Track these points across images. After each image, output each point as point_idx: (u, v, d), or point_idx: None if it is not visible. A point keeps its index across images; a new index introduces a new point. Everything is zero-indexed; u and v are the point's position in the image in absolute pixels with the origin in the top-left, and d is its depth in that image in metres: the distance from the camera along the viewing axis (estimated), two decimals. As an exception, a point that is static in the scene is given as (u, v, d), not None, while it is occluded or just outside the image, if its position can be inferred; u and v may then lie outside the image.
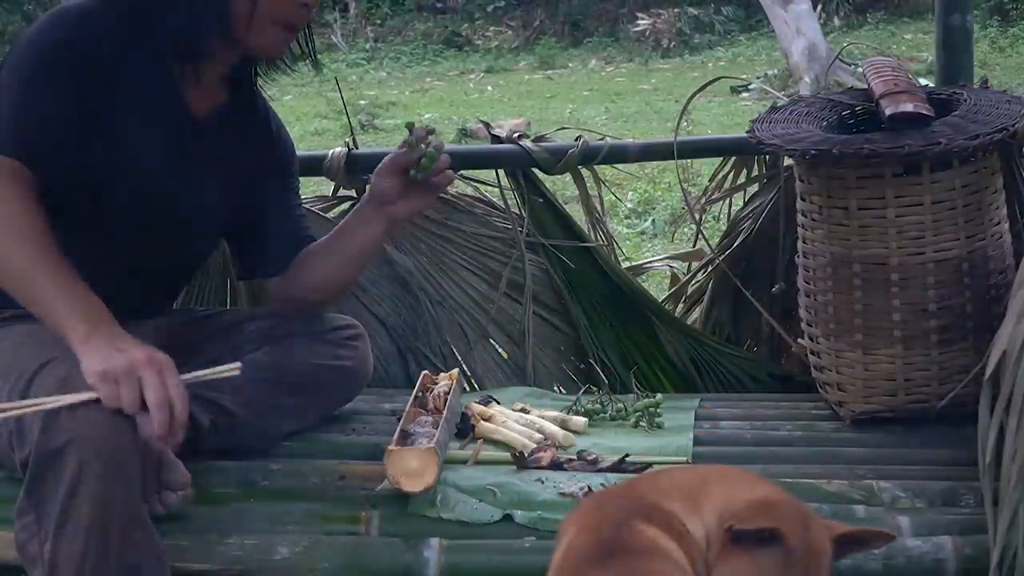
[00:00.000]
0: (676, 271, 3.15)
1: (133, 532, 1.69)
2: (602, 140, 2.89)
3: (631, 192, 6.28)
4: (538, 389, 2.69)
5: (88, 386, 1.74)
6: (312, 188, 3.83)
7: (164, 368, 1.76)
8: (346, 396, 2.41)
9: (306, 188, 2.55)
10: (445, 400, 2.20)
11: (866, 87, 2.44)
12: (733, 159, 2.91)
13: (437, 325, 2.85)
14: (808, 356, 2.46)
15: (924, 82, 2.90)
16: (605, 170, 3.03)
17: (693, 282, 2.99)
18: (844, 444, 2.27)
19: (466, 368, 2.83)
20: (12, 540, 1.75)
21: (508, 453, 2.17)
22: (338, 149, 2.81)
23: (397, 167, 2.17)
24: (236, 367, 1.86)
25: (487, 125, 3.04)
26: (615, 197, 4.59)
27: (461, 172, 2.85)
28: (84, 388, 1.74)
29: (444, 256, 2.86)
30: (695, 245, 3.11)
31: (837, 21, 13.29)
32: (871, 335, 2.29)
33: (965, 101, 2.34)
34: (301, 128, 9.13)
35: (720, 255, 2.85)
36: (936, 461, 2.14)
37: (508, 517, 1.94)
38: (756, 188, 2.92)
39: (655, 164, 5.52)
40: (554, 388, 2.80)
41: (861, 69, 2.72)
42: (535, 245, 2.87)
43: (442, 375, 2.35)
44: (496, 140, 2.89)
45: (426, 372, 2.39)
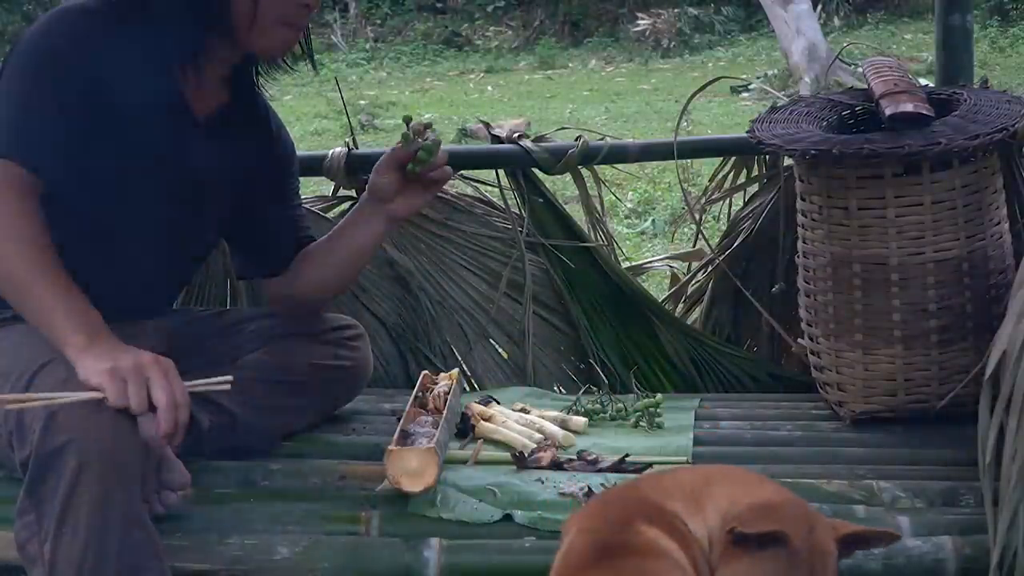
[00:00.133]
0: (676, 271, 3.14)
1: (133, 532, 1.69)
2: (602, 140, 2.89)
3: (631, 192, 6.28)
4: (538, 389, 2.69)
5: (90, 388, 1.73)
6: (312, 188, 3.83)
7: (170, 371, 1.77)
8: (346, 396, 2.41)
9: (306, 188, 2.55)
10: (445, 400, 2.20)
11: (866, 87, 2.44)
12: (733, 159, 2.91)
13: (437, 325, 2.85)
14: (808, 356, 2.46)
15: (924, 82, 2.90)
16: (605, 170, 3.03)
17: (693, 282, 2.99)
18: (844, 444, 2.27)
19: (466, 368, 2.83)
20: (12, 540, 1.75)
21: (508, 453, 2.17)
22: (338, 149, 2.81)
23: (395, 162, 2.17)
24: (227, 380, 1.86)
25: (487, 125, 3.04)
26: (615, 197, 4.59)
27: (461, 172, 2.85)
28: (86, 387, 1.74)
29: (444, 256, 2.86)
30: (695, 245, 3.11)
31: (837, 21, 13.29)
32: (871, 335, 2.29)
33: (965, 101, 2.34)
34: (301, 128, 9.12)
35: (720, 255, 2.85)
36: (936, 461, 2.14)
37: (508, 517, 1.94)
38: (756, 188, 2.92)
39: (655, 164, 5.52)
40: (554, 388, 2.80)
41: (861, 69, 2.72)
42: (535, 245, 2.87)
43: (442, 375, 2.35)
44: (496, 140, 2.89)
45: (426, 372, 2.39)
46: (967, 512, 1.93)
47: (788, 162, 2.67)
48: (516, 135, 2.88)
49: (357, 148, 2.83)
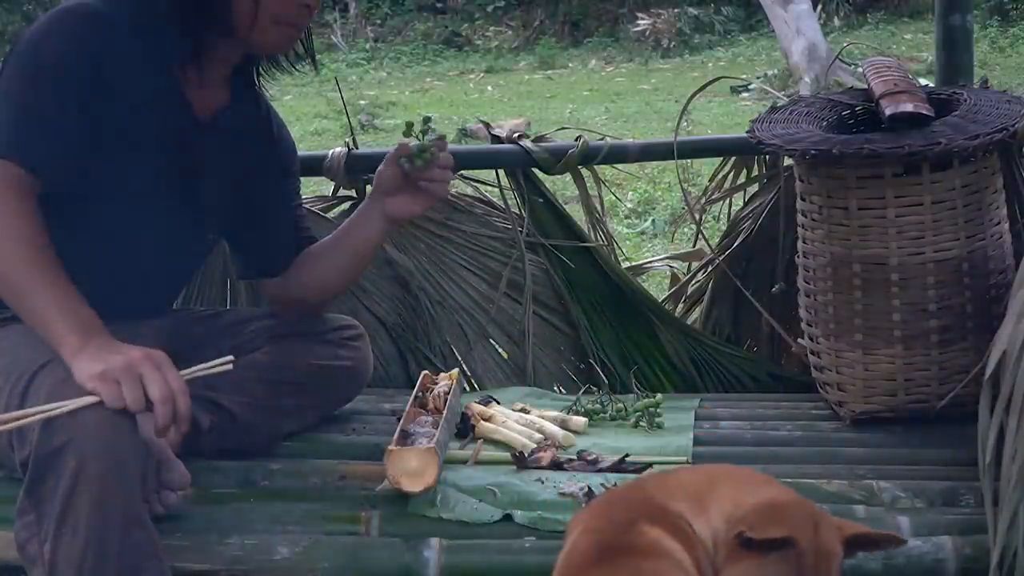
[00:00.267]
0: (676, 271, 3.15)
1: (133, 532, 1.69)
2: (602, 140, 2.89)
3: (631, 192, 6.28)
4: (538, 389, 2.69)
5: (86, 393, 1.73)
6: (312, 188, 3.83)
7: (162, 363, 1.76)
8: (346, 396, 2.41)
9: (306, 188, 2.55)
10: (445, 400, 2.20)
11: (866, 87, 2.44)
12: (733, 159, 2.91)
13: (437, 325, 2.85)
14: (808, 356, 2.46)
15: (924, 82, 2.90)
16: (605, 170, 3.03)
17: (693, 282, 2.99)
18: (844, 444, 2.27)
19: (466, 368, 2.83)
20: (12, 540, 1.75)
21: (508, 453, 2.17)
22: (338, 149, 2.81)
23: (397, 155, 2.17)
24: (228, 360, 1.86)
25: (487, 125, 3.04)
26: (615, 197, 4.59)
27: (461, 172, 2.85)
28: (83, 389, 1.74)
29: (444, 256, 2.86)
30: (695, 245, 3.11)
31: (837, 21, 13.29)
32: (871, 335, 2.29)
33: (965, 101, 2.34)
34: (301, 128, 9.12)
35: (720, 255, 2.85)
36: (936, 461, 2.14)
37: (508, 517, 1.94)
38: (756, 188, 2.92)
39: (655, 164, 5.52)
40: (554, 388, 2.80)
41: (861, 69, 2.72)
42: (535, 245, 2.87)
43: (442, 375, 2.35)
44: (496, 140, 2.89)
45: (426, 372, 2.39)
46: (967, 512, 1.93)
47: (788, 162, 2.68)
48: (516, 135, 2.88)
49: (357, 148, 2.83)
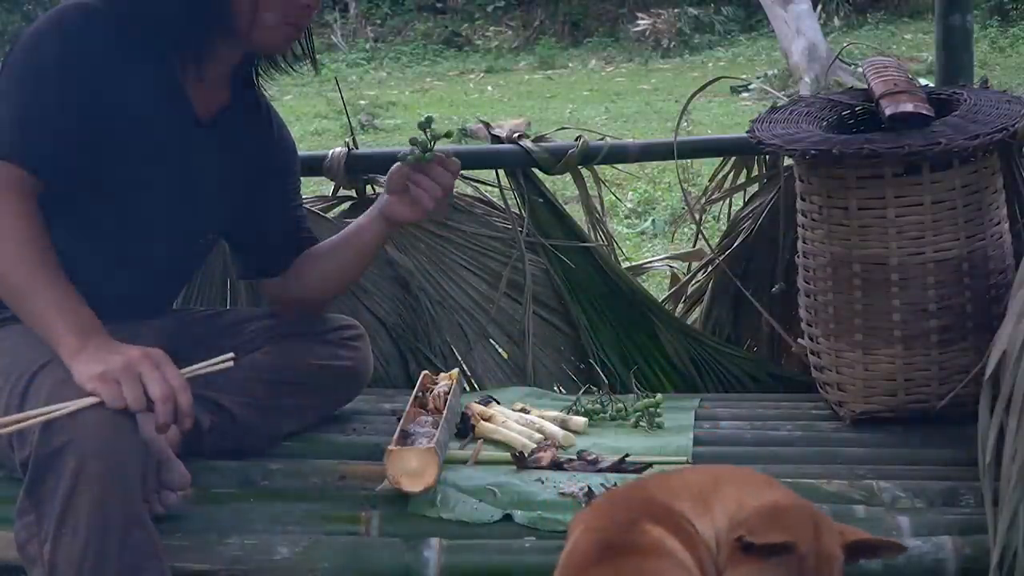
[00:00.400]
0: (676, 271, 3.15)
1: (133, 532, 1.69)
2: (602, 140, 2.89)
3: (631, 192, 6.28)
4: (538, 389, 2.69)
5: (87, 393, 1.73)
6: (312, 188, 3.83)
7: (161, 361, 1.77)
8: (346, 396, 2.41)
9: (306, 188, 2.55)
10: (445, 400, 2.20)
11: (866, 87, 2.44)
12: (733, 159, 2.91)
13: (437, 325, 2.85)
14: (808, 356, 2.46)
15: (924, 82, 2.90)
16: (605, 170, 3.03)
17: (693, 282, 2.99)
18: (844, 444, 2.27)
19: (466, 368, 2.83)
20: (12, 540, 1.75)
21: (508, 453, 2.17)
22: (338, 149, 2.81)
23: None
24: (230, 358, 1.86)
25: (487, 125, 3.05)
26: (615, 197, 4.59)
27: (461, 172, 2.85)
28: (84, 390, 1.74)
29: (444, 256, 2.86)
30: (695, 245, 3.11)
31: (837, 21, 13.28)
32: (871, 335, 2.29)
33: (965, 101, 2.34)
34: (301, 128, 9.11)
35: (720, 255, 2.85)
36: (936, 461, 2.14)
37: (508, 517, 1.94)
38: (756, 188, 2.92)
39: (655, 164, 5.52)
40: (554, 388, 2.80)
41: (861, 69, 2.72)
42: (535, 245, 2.87)
43: (442, 375, 2.35)
44: (496, 140, 2.89)
45: (426, 372, 2.39)
46: (967, 512, 1.93)
47: (788, 162, 2.68)
48: (516, 135, 2.88)
49: (357, 148, 2.83)
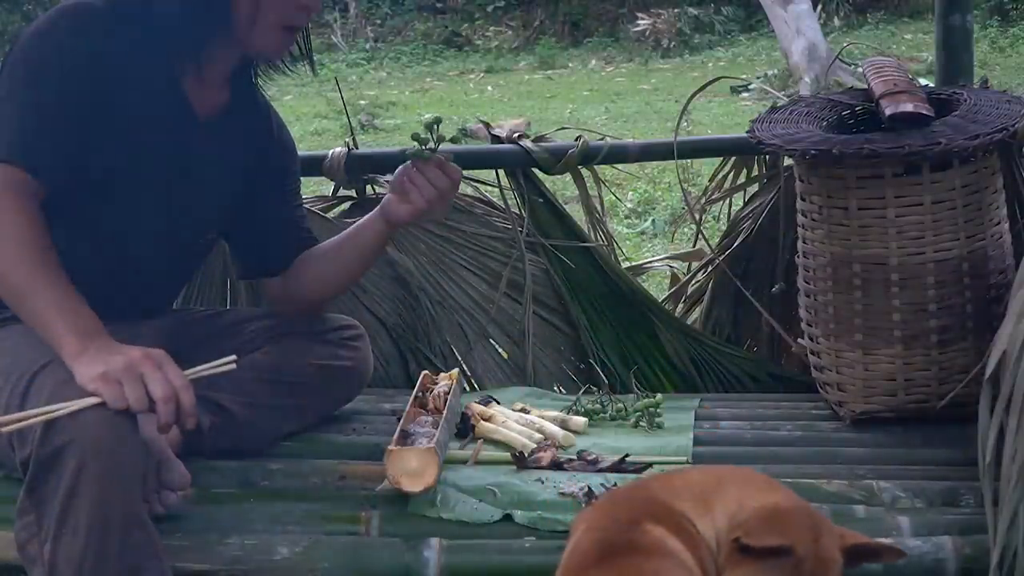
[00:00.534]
0: (676, 271, 3.15)
1: (133, 532, 1.69)
2: (602, 140, 2.89)
3: (631, 192, 6.28)
4: (538, 389, 2.69)
5: (88, 393, 1.72)
6: (312, 188, 3.82)
7: (163, 361, 1.76)
8: (346, 396, 2.41)
9: (306, 188, 2.55)
10: (445, 400, 2.20)
11: (866, 87, 2.44)
12: (733, 159, 2.91)
13: (437, 325, 2.85)
14: (808, 356, 2.46)
15: (924, 82, 2.90)
16: (605, 170, 3.03)
17: (693, 282, 2.99)
18: (844, 444, 2.27)
19: (466, 368, 2.83)
20: (12, 540, 1.75)
21: (508, 453, 2.17)
22: (338, 149, 2.81)
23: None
24: (231, 360, 1.86)
25: (487, 125, 3.05)
26: (615, 197, 4.59)
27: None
28: (85, 390, 1.73)
29: (444, 256, 2.86)
30: (695, 245, 3.11)
31: (837, 21, 13.28)
32: (871, 335, 2.29)
33: (965, 101, 2.34)
34: (301, 128, 9.11)
35: (720, 255, 2.85)
36: (936, 461, 2.14)
37: (508, 517, 1.94)
38: (756, 188, 2.92)
39: (655, 164, 5.52)
40: (554, 388, 2.80)
41: (861, 69, 2.72)
42: (535, 245, 2.87)
43: (442, 375, 2.35)
44: (496, 140, 2.90)
45: (426, 372, 2.39)
46: (967, 512, 1.93)
47: (788, 162, 2.68)
48: (516, 135, 2.88)
49: (357, 148, 2.84)
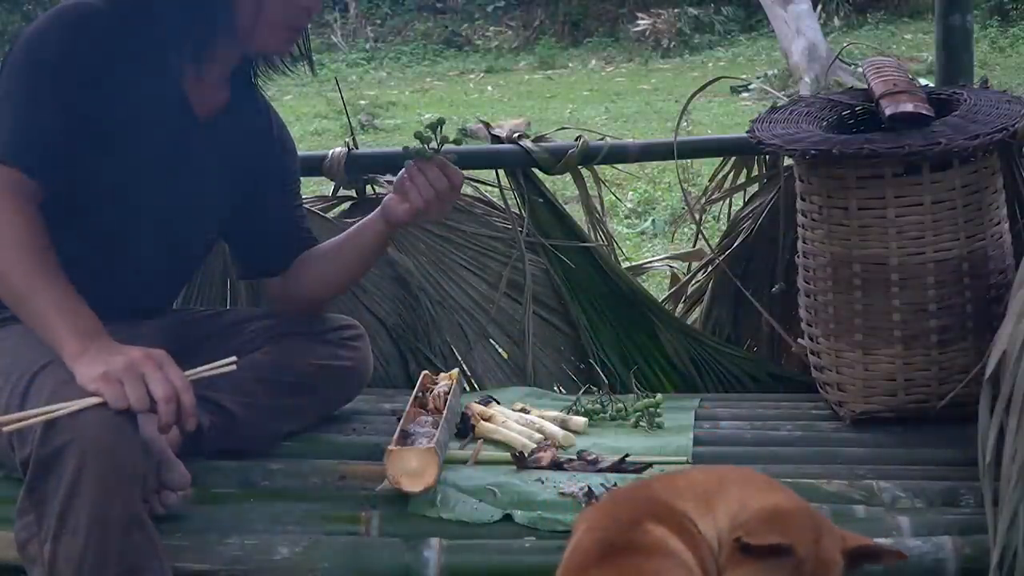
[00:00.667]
0: (676, 271, 3.15)
1: (133, 532, 1.69)
2: (602, 140, 2.89)
3: (631, 192, 6.28)
4: (538, 389, 2.69)
5: (89, 394, 1.73)
6: (312, 188, 3.83)
7: (164, 362, 1.77)
8: (346, 396, 2.41)
9: (306, 188, 2.55)
10: (445, 400, 2.20)
11: (866, 87, 2.44)
12: (733, 159, 2.91)
13: (437, 325, 2.85)
14: (808, 356, 2.46)
15: (924, 82, 2.90)
16: (605, 170, 3.03)
17: (693, 282, 2.99)
18: (844, 444, 2.27)
19: (466, 368, 2.83)
20: (12, 540, 1.75)
21: (508, 453, 2.17)
22: (338, 149, 2.81)
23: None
24: (232, 361, 1.86)
25: (487, 125, 3.05)
26: (615, 197, 4.59)
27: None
28: (86, 391, 1.73)
29: (444, 256, 2.86)
30: (695, 245, 3.11)
31: (837, 21, 13.28)
32: (871, 335, 2.29)
33: (965, 101, 2.34)
34: (301, 128, 9.11)
35: (720, 255, 2.85)
36: (936, 461, 2.14)
37: (508, 517, 1.94)
38: (756, 188, 2.92)
39: (655, 164, 5.52)
40: (554, 388, 2.80)
41: (861, 69, 2.72)
42: (535, 245, 2.87)
43: (442, 375, 2.35)
44: (496, 140, 2.90)
45: (426, 372, 2.39)
46: (967, 512, 1.93)
47: (788, 162, 2.68)
48: (516, 135, 2.88)
49: (357, 148, 2.84)
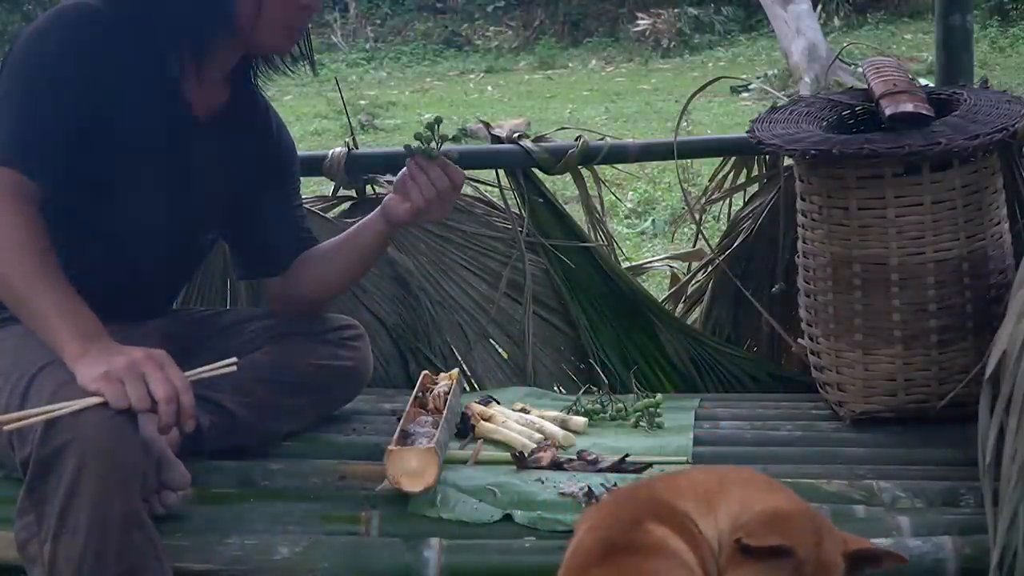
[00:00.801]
0: (676, 271, 3.15)
1: (133, 532, 1.69)
2: (602, 140, 2.89)
3: (631, 192, 6.28)
4: (538, 389, 2.69)
5: (89, 394, 1.72)
6: (312, 188, 3.83)
7: (165, 362, 1.77)
8: (346, 396, 2.41)
9: (306, 188, 2.55)
10: (445, 400, 2.20)
11: (866, 87, 2.44)
12: (733, 159, 2.91)
13: (437, 325, 2.85)
14: (808, 356, 2.46)
15: (924, 82, 2.90)
16: (605, 170, 3.03)
17: (693, 282, 2.99)
18: (844, 444, 2.27)
19: (466, 368, 2.83)
20: (12, 540, 1.75)
21: (508, 453, 2.17)
22: (338, 149, 2.81)
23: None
24: (232, 362, 1.87)
25: (487, 125, 3.05)
26: (615, 197, 4.59)
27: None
28: (87, 391, 1.73)
29: (444, 256, 2.86)
30: (695, 245, 3.11)
31: (837, 21, 13.28)
32: (871, 335, 2.29)
33: (965, 101, 2.34)
34: (301, 128, 9.11)
35: (720, 255, 2.85)
36: (936, 461, 2.14)
37: (508, 517, 1.94)
38: (756, 188, 2.92)
39: (655, 164, 5.52)
40: (554, 388, 2.80)
41: (861, 69, 2.72)
42: (535, 245, 2.87)
43: (442, 375, 2.35)
44: (496, 140, 2.89)
45: (426, 372, 2.39)
46: (967, 512, 1.93)
47: (788, 162, 2.68)
48: (516, 135, 2.88)
49: (357, 148, 2.83)
